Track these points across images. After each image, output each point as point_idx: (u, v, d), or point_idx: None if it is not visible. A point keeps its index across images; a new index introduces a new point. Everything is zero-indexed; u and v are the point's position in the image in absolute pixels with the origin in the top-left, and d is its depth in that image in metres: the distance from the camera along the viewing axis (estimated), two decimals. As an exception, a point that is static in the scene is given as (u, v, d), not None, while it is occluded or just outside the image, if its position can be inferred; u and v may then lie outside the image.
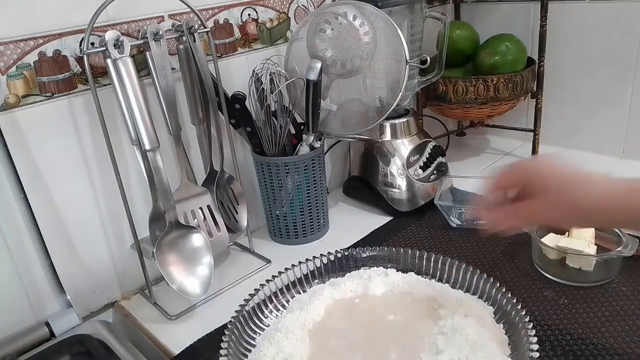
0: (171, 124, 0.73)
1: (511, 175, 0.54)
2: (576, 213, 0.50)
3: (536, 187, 0.51)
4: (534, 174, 0.52)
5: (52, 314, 0.71)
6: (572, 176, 0.50)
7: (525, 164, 0.55)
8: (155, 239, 0.72)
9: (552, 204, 0.50)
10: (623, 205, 0.48)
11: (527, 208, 0.51)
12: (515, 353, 0.55)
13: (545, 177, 0.51)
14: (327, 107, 0.85)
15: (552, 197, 0.50)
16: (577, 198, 0.49)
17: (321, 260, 0.71)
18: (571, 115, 1.12)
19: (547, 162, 0.53)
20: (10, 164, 0.65)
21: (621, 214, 0.48)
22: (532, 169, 0.53)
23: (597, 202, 0.49)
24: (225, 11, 0.83)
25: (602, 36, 1.02)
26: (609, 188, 0.49)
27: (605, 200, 0.49)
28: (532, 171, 0.53)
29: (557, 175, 0.51)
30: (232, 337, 0.58)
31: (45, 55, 0.66)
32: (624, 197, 0.48)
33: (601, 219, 0.52)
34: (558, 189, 0.50)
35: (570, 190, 0.49)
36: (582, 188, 0.49)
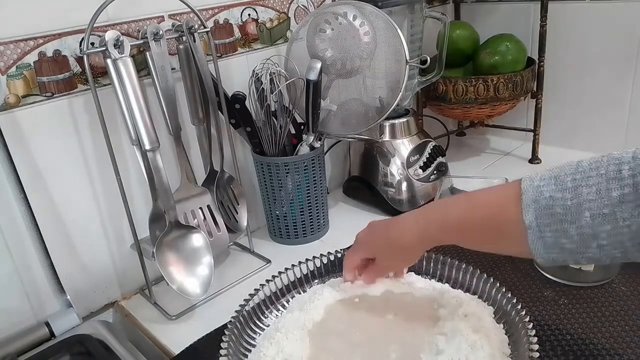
0: (171, 124, 0.73)
1: (352, 262, 0.66)
2: (399, 249, 0.60)
3: (371, 251, 0.64)
4: (366, 248, 0.64)
5: (52, 314, 0.71)
6: (382, 226, 0.62)
7: (356, 249, 0.66)
8: (155, 239, 0.72)
9: (384, 254, 0.62)
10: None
11: (375, 267, 0.65)
12: (515, 353, 0.55)
13: (371, 243, 0.64)
14: (327, 107, 0.85)
15: (381, 250, 0.62)
16: (391, 237, 0.60)
17: (321, 260, 0.71)
18: (571, 115, 1.12)
19: (366, 235, 0.64)
20: (10, 164, 0.65)
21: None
22: (363, 248, 0.65)
23: (404, 235, 0.58)
24: (225, 11, 0.83)
25: (602, 36, 1.02)
26: (411, 221, 0.58)
27: (410, 232, 0.57)
28: (364, 248, 0.65)
29: (375, 234, 0.63)
30: (232, 337, 0.58)
31: (45, 55, 0.66)
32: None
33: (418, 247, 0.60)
34: (379, 244, 0.62)
35: (385, 236, 0.61)
36: (391, 229, 0.60)
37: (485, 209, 0.50)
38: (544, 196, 0.44)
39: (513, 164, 1.12)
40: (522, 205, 0.45)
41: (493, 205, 0.49)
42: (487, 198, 0.50)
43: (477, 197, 0.52)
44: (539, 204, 0.44)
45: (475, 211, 0.51)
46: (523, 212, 0.45)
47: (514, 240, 0.47)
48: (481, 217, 0.50)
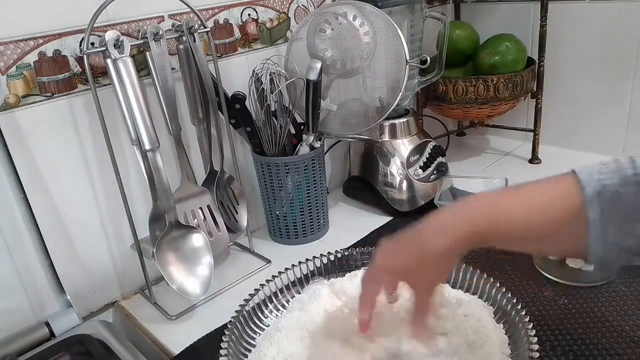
0: (171, 124, 0.73)
1: (372, 293, 0.54)
2: (436, 255, 0.48)
3: (399, 269, 0.50)
4: (392, 268, 0.51)
5: (52, 314, 0.71)
6: (409, 233, 0.50)
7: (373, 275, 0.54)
8: (155, 239, 0.72)
9: (417, 267, 0.49)
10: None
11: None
12: (515, 353, 0.55)
13: (397, 257, 0.51)
14: (327, 107, 0.85)
15: (412, 263, 0.49)
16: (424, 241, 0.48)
17: (321, 260, 0.71)
18: (571, 115, 1.12)
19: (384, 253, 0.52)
20: (10, 164, 0.65)
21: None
22: (387, 269, 0.52)
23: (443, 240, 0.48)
24: (225, 11, 0.83)
25: (602, 36, 1.02)
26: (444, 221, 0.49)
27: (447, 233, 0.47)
28: (389, 269, 0.52)
29: (401, 245, 0.50)
30: (232, 337, 0.58)
31: (45, 55, 0.66)
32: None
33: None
34: (408, 255, 0.49)
35: (417, 242, 0.49)
36: (423, 232, 0.49)
37: (541, 203, 0.44)
38: (608, 189, 0.40)
39: (513, 164, 1.12)
40: (586, 199, 0.41)
41: (550, 198, 0.44)
42: (542, 191, 0.45)
43: (528, 190, 0.46)
44: (604, 197, 0.40)
45: (530, 205, 0.44)
46: (586, 206, 0.41)
47: (573, 237, 0.43)
48: (538, 211, 0.44)
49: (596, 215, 0.41)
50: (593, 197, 0.41)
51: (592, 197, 0.41)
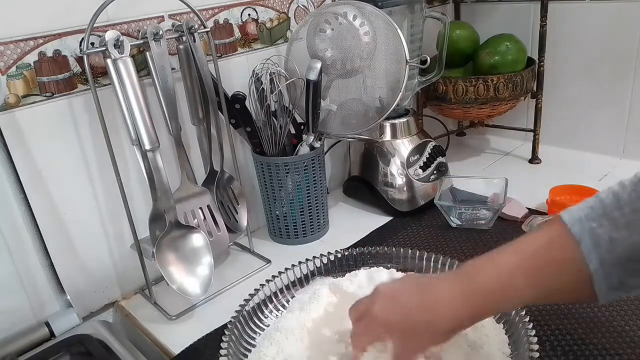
0: (171, 124, 0.73)
1: (363, 343, 0.51)
2: (440, 332, 0.47)
3: (396, 334, 0.48)
4: (389, 330, 0.49)
5: (52, 314, 0.71)
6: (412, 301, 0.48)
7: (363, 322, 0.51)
8: (155, 239, 0.72)
9: (417, 338, 0.48)
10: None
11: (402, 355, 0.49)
12: (515, 353, 0.55)
13: (398, 324, 0.48)
14: (327, 107, 0.85)
15: (413, 334, 0.48)
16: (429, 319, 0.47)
17: (321, 260, 0.71)
18: (571, 115, 1.12)
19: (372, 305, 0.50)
20: (10, 164, 0.65)
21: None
22: (385, 328, 0.49)
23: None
24: (225, 11, 0.83)
25: (602, 36, 1.02)
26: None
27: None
28: (387, 329, 0.49)
29: (404, 313, 0.48)
30: (232, 337, 0.58)
31: (45, 55, 0.66)
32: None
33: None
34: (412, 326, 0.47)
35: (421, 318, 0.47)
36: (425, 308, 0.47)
37: (547, 269, 0.44)
38: (604, 239, 0.41)
39: (513, 164, 1.12)
40: (584, 254, 0.41)
41: (556, 263, 0.44)
42: (541, 256, 0.44)
43: (528, 256, 0.45)
44: (601, 248, 0.41)
45: (537, 275, 0.44)
46: (587, 260, 0.41)
47: (579, 289, 0.43)
48: (545, 281, 0.44)
49: (597, 266, 0.41)
50: (590, 249, 0.41)
51: (590, 250, 0.41)
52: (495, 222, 0.86)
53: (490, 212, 0.85)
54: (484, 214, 0.85)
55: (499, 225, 0.86)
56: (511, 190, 0.88)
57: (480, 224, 0.86)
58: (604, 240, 0.41)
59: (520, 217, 0.86)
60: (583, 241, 0.42)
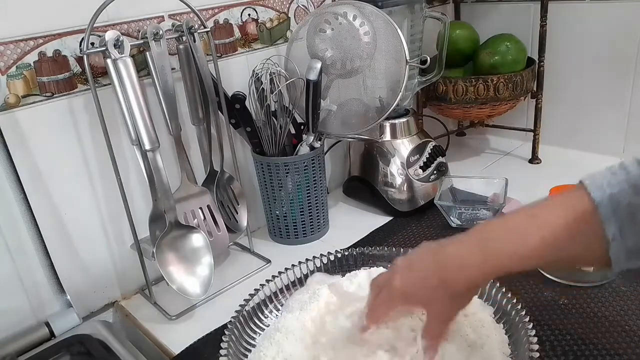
0: (171, 124, 0.73)
1: (384, 313, 0.53)
2: (461, 291, 0.48)
3: (420, 300, 0.50)
4: (412, 297, 0.50)
5: (52, 314, 0.71)
6: (430, 265, 0.49)
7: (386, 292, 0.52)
8: (155, 239, 0.72)
9: (439, 300, 0.49)
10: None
11: (431, 326, 0.50)
12: (515, 353, 0.55)
13: (419, 289, 0.49)
14: (327, 107, 0.85)
15: (435, 297, 0.48)
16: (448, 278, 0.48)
17: (321, 260, 0.71)
18: (571, 115, 1.12)
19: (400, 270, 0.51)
20: (10, 164, 0.65)
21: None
22: (407, 297, 0.50)
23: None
24: (225, 11, 0.83)
25: (602, 36, 1.02)
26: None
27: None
28: (409, 297, 0.50)
29: (423, 276, 0.49)
30: (232, 337, 0.58)
31: (45, 55, 0.66)
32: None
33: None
34: (432, 289, 0.48)
35: (440, 277, 0.48)
36: (446, 268, 0.48)
37: (560, 229, 0.43)
38: (623, 204, 0.41)
39: (513, 164, 1.12)
40: (602, 219, 0.41)
41: (569, 224, 0.43)
42: (560, 217, 0.44)
43: (545, 215, 0.45)
44: (620, 212, 0.41)
45: (554, 240, 0.44)
46: (604, 225, 0.41)
47: (593, 254, 0.43)
48: (560, 241, 0.44)
49: (615, 231, 0.41)
50: (609, 215, 0.41)
51: (608, 216, 0.41)
52: (495, 222, 0.86)
53: (491, 212, 0.85)
54: (484, 214, 0.85)
55: (499, 225, 0.86)
56: (511, 190, 0.87)
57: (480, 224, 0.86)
58: (623, 205, 0.40)
59: (520, 217, 0.86)
60: (602, 206, 0.41)
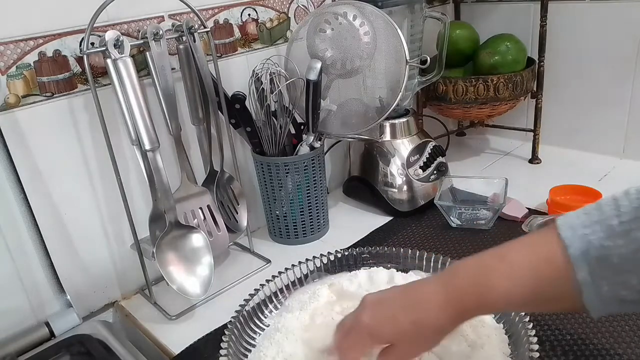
0: (171, 124, 0.73)
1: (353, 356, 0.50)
2: (430, 333, 0.47)
3: (387, 340, 0.48)
4: (378, 337, 0.48)
5: (52, 314, 0.71)
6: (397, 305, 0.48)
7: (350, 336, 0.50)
8: (155, 239, 0.72)
9: (407, 341, 0.47)
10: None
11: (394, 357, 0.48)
12: (515, 353, 0.55)
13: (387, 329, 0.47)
14: (327, 107, 0.85)
15: (403, 337, 0.47)
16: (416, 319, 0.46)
17: (321, 260, 0.71)
18: (571, 115, 1.12)
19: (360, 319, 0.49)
20: (10, 164, 0.65)
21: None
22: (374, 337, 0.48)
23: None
24: (225, 11, 0.83)
25: (602, 36, 1.02)
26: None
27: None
28: (376, 337, 0.48)
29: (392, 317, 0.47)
30: (232, 337, 0.58)
31: (45, 55, 0.66)
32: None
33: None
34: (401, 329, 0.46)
35: (409, 319, 0.46)
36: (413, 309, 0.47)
37: (530, 275, 0.41)
38: (594, 246, 0.38)
39: (513, 164, 1.12)
40: (572, 260, 0.39)
41: (536, 265, 0.41)
42: (526, 257, 0.42)
43: (512, 256, 0.43)
44: (590, 255, 0.38)
45: (520, 281, 0.42)
46: (574, 267, 0.39)
47: (566, 299, 0.40)
48: (528, 286, 0.41)
49: (585, 275, 0.38)
50: (579, 257, 0.39)
51: (578, 257, 0.39)
52: (495, 222, 0.86)
53: (490, 212, 0.85)
54: (484, 214, 0.85)
55: (499, 225, 0.86)
56: (511, 190, 0.88)
57: (480, 224, 0.86)
58: (594, 248, 0.38)
59: (520, 217, 0.86)
60: (572, 247, 0.39)
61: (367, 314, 0.48)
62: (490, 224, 0.86)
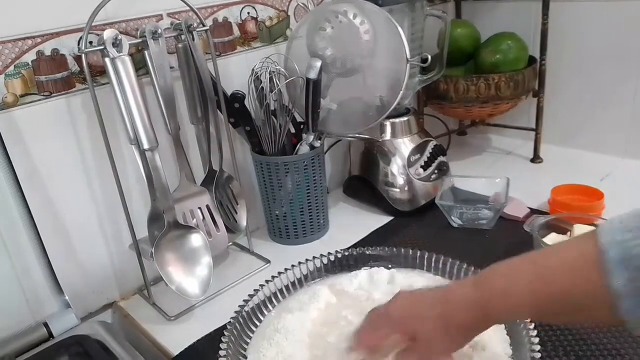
0: (170, 123, 0.72)
1: (377, 340, 0.50)
2: (455, 329, 0.46)
3: (415, 330, 0.48)
4: (407, 326, 0.48)
5: (51, 315, 0.71)
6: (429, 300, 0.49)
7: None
8: (153, 239, 0.71)
9: (437, 335, 0.47)
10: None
11: (419, 354, 0.48)
12: (516, 353, 0.54)
13: (416, 320, 0.48)
14: (327, 106, 0.85)
15: (431, 331, 0.47)
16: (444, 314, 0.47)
17: (321, 260, 0.71)
18: (573, 114, 1.11)
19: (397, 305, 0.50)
20: (8, 164, 0.65)
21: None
22: (402, 326, 0.49)
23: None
24: (225, 9, 0.82)
25: (604, 34, 1.01)
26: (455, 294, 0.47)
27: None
28: (404, 326, 0.48)
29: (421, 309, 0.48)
30: (231, 337, 0.58)
31: (43, 54, 0.65)
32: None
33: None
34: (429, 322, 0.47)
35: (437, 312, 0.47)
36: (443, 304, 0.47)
37: (561, 277, 0.40)
38: (634, 253, 0.36)
39: (515, 163, 1.12)
40: (607, 267, 0.37)
41: (570, 269, 0.40)
42: (561, 261, 0.41)
43: (546, 260, 0.42)
44: (630, 263, 0.36)
45: (549, 281, 0.41)
46: (608, 275, 0.37)
47: (599, 308, 0.39)
48: (557, 288, 0.40)
49: (622, 282, 0.36)
50: (616, 263, 0.37)
51: (615, 264, 0.37)
52: (496, 221, 0.85)
53: (492, 211, 0.85)
54: (485, 213, 0.85)
55: (500, 225, 0.86)
56: (513, 189, 0.87)
57: (481, 223, 0.86)
58: (635, 255, 0.36)
59: (522, 217, 0.86)
60: (610, 252, 0.37)
61: (397, 304, 0.50)
62: (491, 224, 0.85)
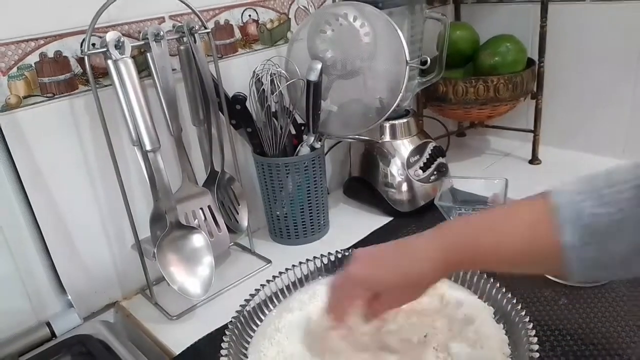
0: (172, 124, 0.73)
1: (344, 306, 0.52)
2: (415, 280, 0.49)
3: (376, 288, 0.50)
4: (368, 284, 0.50)
5: (53, 314, 0.72)
6: (389, 254, 0.51)
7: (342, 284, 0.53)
8: (156, 239, 0.72)
9: (395, 288, 0.49)
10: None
11: (381, 304, 0.51)
12: (515, 353, 0.55)
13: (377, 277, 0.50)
14: (328, 107, 0.85)
15: (391, 285, 0.49)
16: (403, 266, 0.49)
17: (321, 260, 0.71)
18: (571, 116, 1.12)
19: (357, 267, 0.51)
20: (11, 165, 0.65)
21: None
22: (364, 285, 0.51)
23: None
24: (226, 12, 0.83)
25: (603, 37, 1.02)
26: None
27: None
28: (366, 285, 0.50)
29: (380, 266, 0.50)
30: (232, 337, 0.58)
31: (46, 56, 0.66)
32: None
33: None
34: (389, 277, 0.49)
35: (396, 266, 0.49)
36: (402, 257, 0.50)
37: (516, 228, 0.44)
38: (585, 213, 0.40)
39: (513, 164, 1.12)
40: (559, 223, 0.41)
41: (525, 223, 0.44)
42: (516, 215, 0.45)
43: (502, 215, 0.46)
44: (581, 221, 0.40)
45: (505, 232, 0.45)
46: (560, 230, 0.41)
47: (550, 261, 0.43)
48: (512, 239, 0.44)
49: (571, 238, 0.40)
50: (567, 220, 0.41)
51: (566, 221, 0.41)
52: (495, 222, 0.86)
53: (491, 212, 0.85)
54: (484, 214, 0.85)
55: (499, 226, 0.86)
56: (511, 190, 0.87)
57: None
58: (585, 215, 0.40)
59: (521, 218, 0.86)
60: (563, 211, 0.41)
61: (357, 267, 0.51)
62: (490, 225, 0.86)
